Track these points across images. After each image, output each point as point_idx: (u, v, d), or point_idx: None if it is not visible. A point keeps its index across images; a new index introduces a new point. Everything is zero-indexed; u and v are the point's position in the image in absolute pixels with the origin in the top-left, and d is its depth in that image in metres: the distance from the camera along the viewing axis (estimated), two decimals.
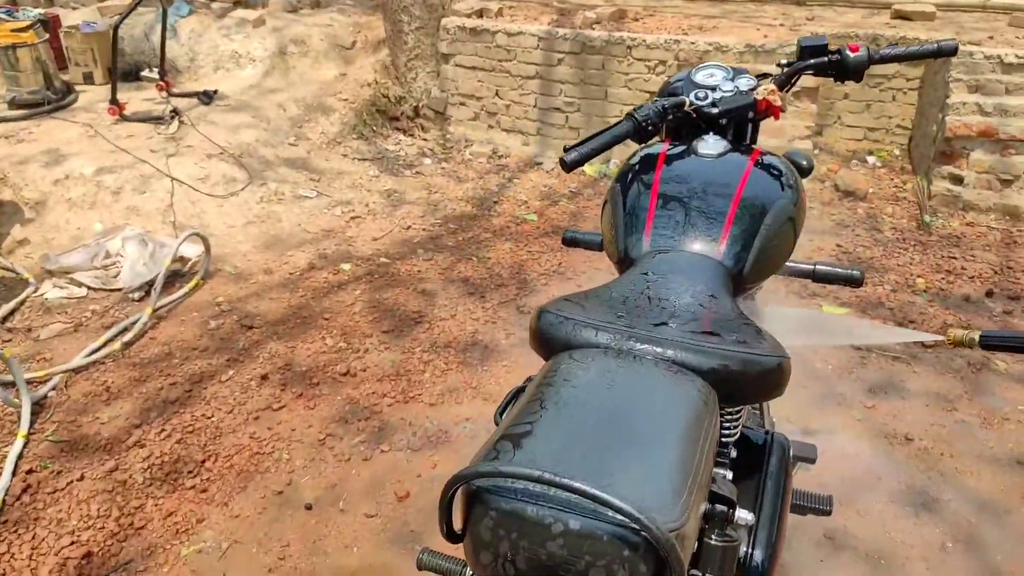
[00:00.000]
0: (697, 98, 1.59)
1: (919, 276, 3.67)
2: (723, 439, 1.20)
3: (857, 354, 3.07)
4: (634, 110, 1.54)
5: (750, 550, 1.14)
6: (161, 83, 5.14)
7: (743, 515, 1.06)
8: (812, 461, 1.77)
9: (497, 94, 5.33)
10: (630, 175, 1.59)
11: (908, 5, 5.34)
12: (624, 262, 1.45)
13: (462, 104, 5.48)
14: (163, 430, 2.59)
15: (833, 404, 2.78)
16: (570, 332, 1.13)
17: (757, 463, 1.25)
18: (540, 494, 0.80)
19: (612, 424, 0.92)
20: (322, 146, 5.05)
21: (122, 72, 5.50)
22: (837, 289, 3.57)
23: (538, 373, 1.07)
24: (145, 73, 5.41)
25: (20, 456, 2.44)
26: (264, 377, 2.89)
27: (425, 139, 5.48)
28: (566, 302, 1.20)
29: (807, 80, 4.42)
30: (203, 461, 2.46)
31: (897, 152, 5.04)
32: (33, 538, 2.14)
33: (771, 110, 1.61)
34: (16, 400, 2.65)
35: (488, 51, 5.25)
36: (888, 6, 5.64)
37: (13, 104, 4.90)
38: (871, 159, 4.99)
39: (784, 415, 2.66)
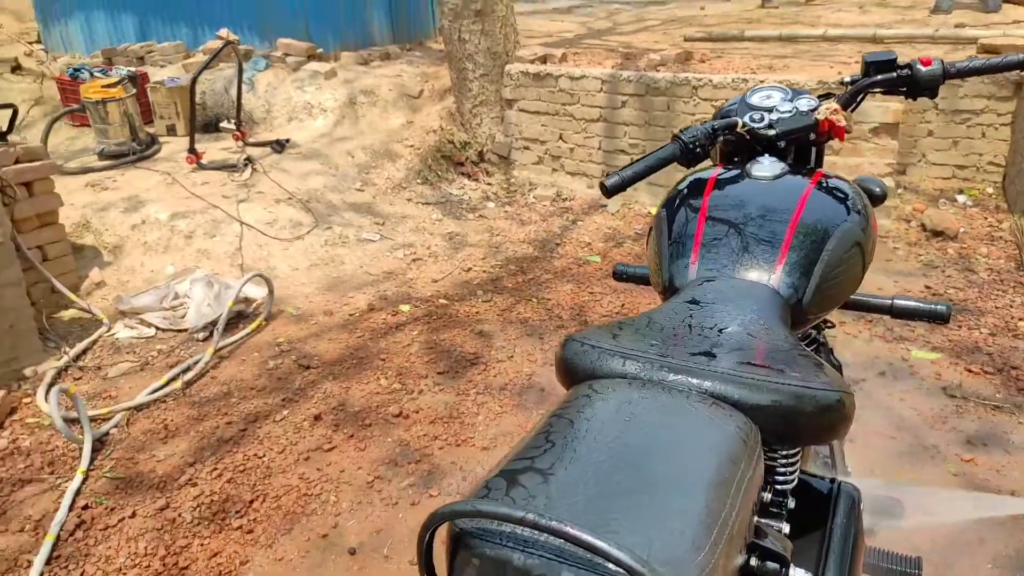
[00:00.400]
0: (752, 120, 1.49)
1: (1020, 319, 3.37)
2: (778, 486, 1.06)
3: (951, 401, 2.80)
4: (681, 131, 1.45)
5: None
6: (237, 133, 5.35)
7: (799, 574, 0.92)
8: (897, 519, 1.58)
9: (561, 137, 5.31)
10: (677, 200, 1.49)
11: (997, 39, 5.08)
12: (668, 291, 1.34)
13: (526, 148, 5.48)
14: (215, 468, 2.57)
15: (925, 457, 2.53)
16: (594, 361, 1.02)
17: (821, 516, 1.10)
18: (530, 540, 0.69)
19: (626, 463, 0.80)
20: (387, 191, 5.12)
21: (202, 124, 5.77)
22: (928, 332, 3.31)
23: (553, 405, 0.96)
24: (223, 124, 5.64)
25: (78, 492, 2.45)
26: (317, 417, 2.85)
27: (489, 183, 5.49)
28: (597, 330, 1.09)
29: (886, 115, 4.22)
30: (251, 501, 2.42)
31: (991, 190, 4.73)
32: (82, 575, 2.12)
33: (834, 131, 1.49)
34: (79, 436, 2.69)
35: (551, 95, 5.25)
36: (974, 41, 5.39)
37: (101, 155, 5.18)
38: (961, 198, 4.70)
39: (866, 467, 2.43)
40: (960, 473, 2.44)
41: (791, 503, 1.06)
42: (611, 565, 0.65)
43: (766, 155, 1.51)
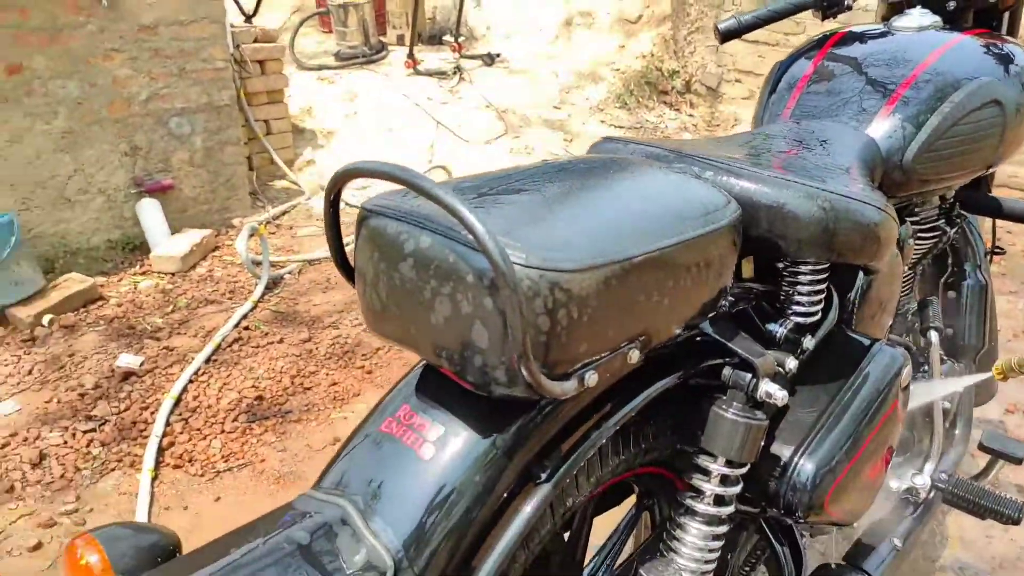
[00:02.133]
0: None
1: None
2: (796, 317, 0.93)
3: None
4: None
5: (797, 459, 0.87)
6: (454, 45, 5.60)
7: (772, 390, 0.81)
8: (1018, 461, 1.34)
9: None
10: (800, 49, 1.34)
11: None
12: None
13: (737, 81, 5.14)
14: (357, 319, 2.81)
15: None
16: (621, 149, 0.96)
17: (847, 368, 0.95)
18: (409, 212, 0.67)
19: (577, 198, 0.75)
20: (583, 112, 5.10)
21: (428, 36, 6.12)
22: None
23: None
24: (445, 37, 5.93)
25: (244, 315, 2.81)
26: None
27: (691, 114, 5.24)
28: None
29: None
30: (378, 349, 2.61)
31: None
32: (227, 376, 2.44)
33: None
34: (259, 273, 3.06)
35: (776, 24, 4.84)
36: None
37: (337, 56, 5.71)
38: None
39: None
40: None
41: (808, 343, 0.93)
42: (464, 232, 0.61)
43: (919, 7, 1.31)
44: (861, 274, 1.06)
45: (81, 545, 0.66)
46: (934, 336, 1.32)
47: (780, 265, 0.93)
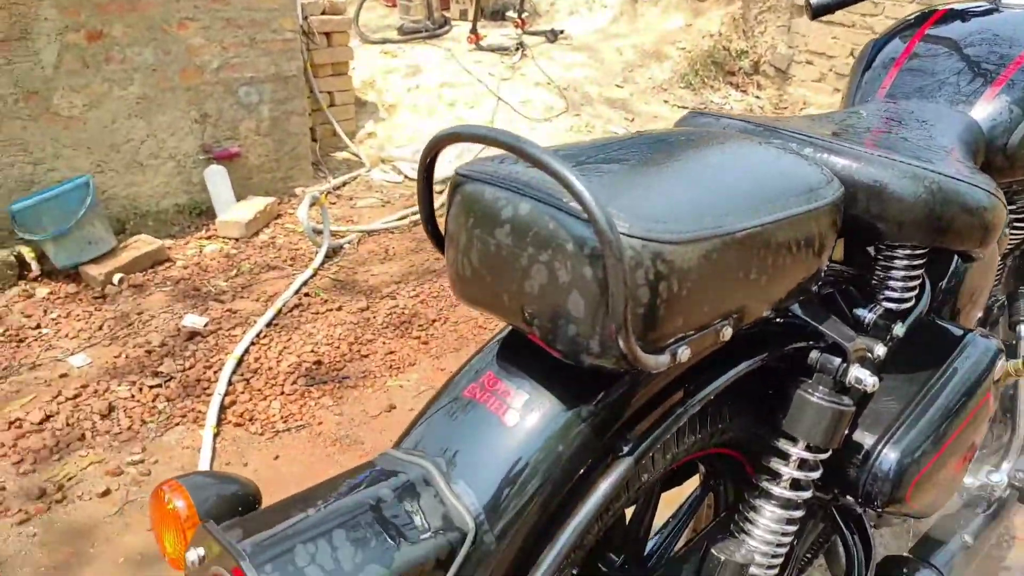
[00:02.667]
0: None
1: None
2: (887, 303, 0.89)
3: None
4: None
5: (880, 447, 0.83)
6: (518, 20, 5.55)
7: (862, 375, 0.77)
8: None
9: (852, 53, 4.72)
10: (899, 26, 1.28)
11: None
12: None
13: (808, 63, 4.97)
14: (415, 291, 2.83)
15: None
16: (712, 124, 0.93)
17: (936, 358, 0.91)
18: (506, 177, 0.66)
19: (674, 168, 0.73)
20: (646, 91, 5.01)
21: (492, 11, 6.08)
22: None
23: None
24: (509, 13, 5.88)
25: (305, 283, 2.86)
26: None
27: (758, 96, 5.10)
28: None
29: None
30: (434, 321, 2.63)
31: None
32: (288, 340, 2.49)
33: None
34: (320, 241, 3.11)
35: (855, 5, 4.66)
36: None
37: (400, 31, 5.72)
38: None
39: None
40: None
41: (898, 330, 0.89)
42: (572, 203, 0.60)
43: None
44: (956, 261, 1.01)
45: (168, 490, 0.67)
46: (1023, 330, 1.25)
47: (873, 249, 0.89)
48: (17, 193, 2.87)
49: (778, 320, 0.83)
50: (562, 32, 5.44)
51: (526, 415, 0.66)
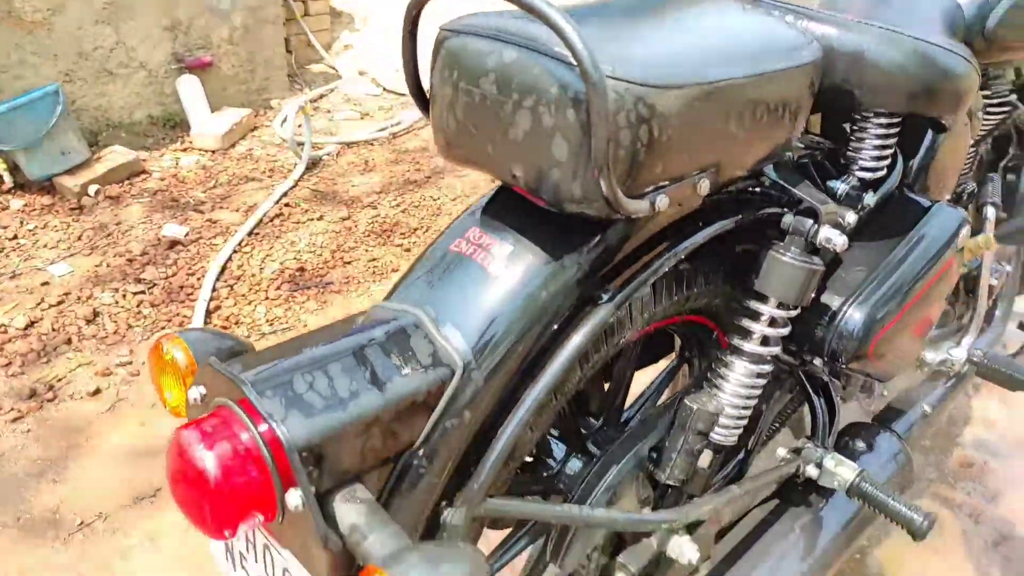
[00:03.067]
0: None
1: None
2: (860, 172, 0.91)
3: None
4: None
5: (846, 308, 0.87)
6: None
7: (832, 235, 0.81)
8: None
9: None
10: None
11: None
12: None
13: None
14: (396, 201, 2.82)
15: None
16: None
17: (905, 227, 0.94)
18: (492, 28, 0.66)
19: (662, 23, 0.73)
20: None
21: None
22: None
23: None
24: None
25: (285, 194, 2.84)
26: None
27: None
28: None
29: None
30: (415, 229, 2.64)
31: None
32: (270, 248, 2.49)
33: None
34: (300, 153, 3.07)
35: None
36: None
37: None
38: None
39: None
40: None
41: (869, 199, 0.92)
42: (558, 48, 0.61)
43: None
44: (928, 137, 1.04)
45: (166, 343, 0.70)
46: (990, 212, 1.29)
47: (847, 122, 0.91)
48: None
49: (754, 188, 0.85)
50: None
51: (510, 265, 0.69)
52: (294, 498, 0.55)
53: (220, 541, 0.73)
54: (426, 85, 0.76)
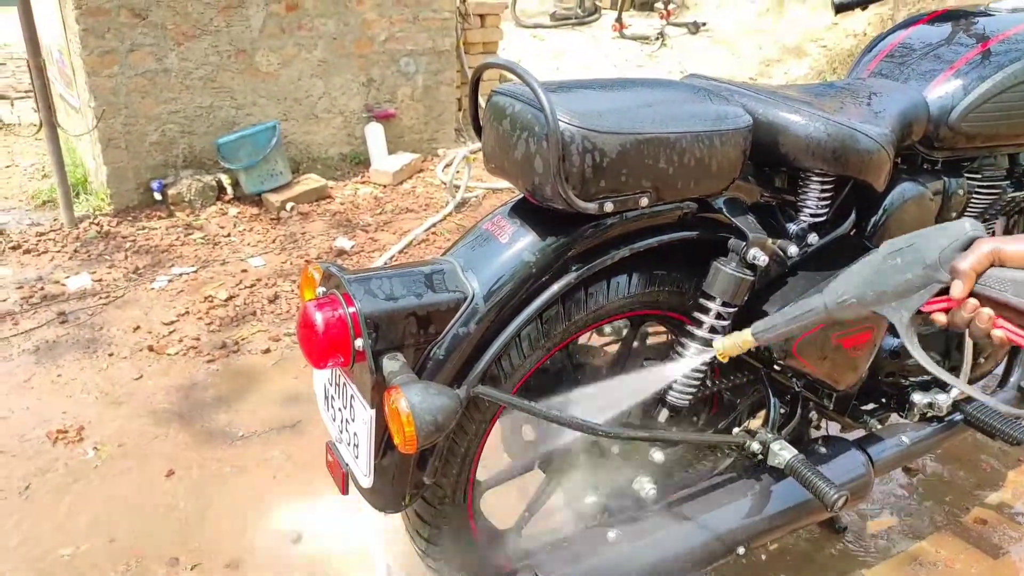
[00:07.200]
0: None
1: None
2: (805, 217, 1.22)
3: None
4: None
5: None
6: (663, 12, 5.83)
7: (757, 255, 1.12)
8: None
9: None
10: (898, 24, 1.56)
11: None
12: None
13: None
14: None
15: None
16: (696, 80, 1.29)
17: (844, 263, 1.23)
18: (513, 92, 1.07)
19: (624, 95, 1.10)
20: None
21: (641, 1, 6.39)
22: None
23: None
24: (657, 4, 6.18)
25: (434, 224, 3.39)
26: None
27: None
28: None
29: None
30: None
31: None
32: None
33: None
34: (455, 193, 3.63)
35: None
36: None
37: (552, 17, 6.18)
38: None
39: None
40: None
41: (813, 239, 1.23)
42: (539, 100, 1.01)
43: None
44: (887, 197, 1.31)
45: (310, 266, 1.16)
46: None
47: (799, 177, 1.22)
48: (223, 131, 3.61)
49: (706, 214, 1.18)
50: (704, 24, 5.67)
51: (513, 239, 1.09)
52: (359, 343, 0.97)
53: (320, 372, 1.16)
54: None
